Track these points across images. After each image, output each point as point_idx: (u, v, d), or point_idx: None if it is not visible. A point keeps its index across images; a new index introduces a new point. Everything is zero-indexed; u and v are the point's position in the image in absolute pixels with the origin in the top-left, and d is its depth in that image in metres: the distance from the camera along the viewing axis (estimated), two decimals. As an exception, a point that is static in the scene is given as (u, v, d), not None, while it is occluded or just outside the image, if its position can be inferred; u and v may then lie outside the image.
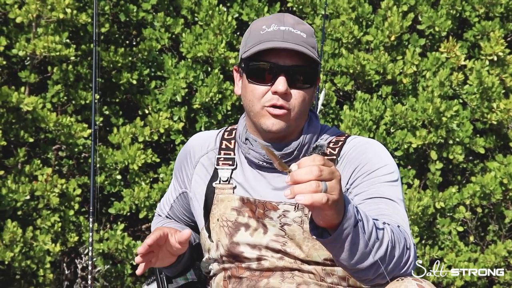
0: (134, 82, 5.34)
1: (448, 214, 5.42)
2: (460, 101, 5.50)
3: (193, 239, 2.25)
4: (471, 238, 5.57)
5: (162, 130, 5.22)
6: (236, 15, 5.50)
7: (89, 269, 3.50)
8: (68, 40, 5.10)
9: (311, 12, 5.58)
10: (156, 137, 5.26)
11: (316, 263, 2.04)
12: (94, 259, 5.11)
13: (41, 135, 5.21)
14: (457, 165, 5.62)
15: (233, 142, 2.17)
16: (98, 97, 5.22)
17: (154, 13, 5.50)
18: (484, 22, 5.60)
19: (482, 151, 5.49)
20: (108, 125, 5.40)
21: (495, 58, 5.52)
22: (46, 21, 5.06)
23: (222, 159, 2.15)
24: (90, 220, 3.46)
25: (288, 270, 2.05)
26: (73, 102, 5.24)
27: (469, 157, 5.72)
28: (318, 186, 1.54)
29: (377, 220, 1.78)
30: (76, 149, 5.15)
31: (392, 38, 5.49)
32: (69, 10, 5.01)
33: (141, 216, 5.17)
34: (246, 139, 2.11)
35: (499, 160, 5.49)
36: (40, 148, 5.27)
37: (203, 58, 5.33)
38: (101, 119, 5.27)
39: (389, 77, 5.49)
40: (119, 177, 5.23)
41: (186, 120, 5.37)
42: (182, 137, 5.28)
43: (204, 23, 5.41)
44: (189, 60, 5.32)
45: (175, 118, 5.31)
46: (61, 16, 4.98)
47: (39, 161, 5.09)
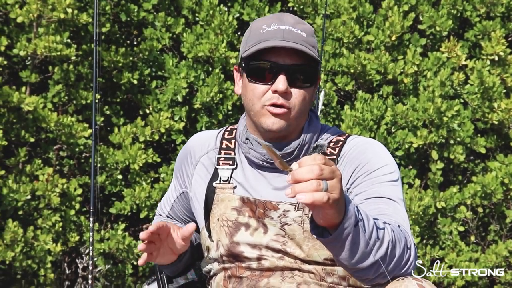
0: (135, 82, 5.34)
1: (449, 214, 5.42)
2: (461, 101, 5.50)
3: (194, 238, 2.25)
4: (472, 238, 5.57)
5: (163, 130, 5.23)
6: (237, 15, 5.50)
7: (90, 268, 3.51)
8: (69, 40, 5.11)
9: (312, 12, 5.58)
10: (157, 137, 5.26)
11: (317, 263, 2.04)
12: (95, 259, 5.11)
13: (42, 135, 5.22)
14: (458, 165, 5.62)
15: (233, 141, 2.17)
16: (99, 97, 5.23)
17: (155, 13, 5.50)
18: (485, 21, 5.60)
19: (483, 151, 5.49)
20: (109, 125, 5.40)
21: (496, 58, 5.52)
22: (47, 21, 5.06)
23: (222, 158, 2.15)
24: (91, 220, 3.46)
25: (288, 269, 2.05)
26: (74, 102, 5.24)
27: (470, 157, 5.72)
28: (319, 185, 1.54)
29: (378, 219, 1.78)
30: (77, 149, 5.15)
31: (393, 38, 5.49)
32: (70, 10, 5.01)
33: (142, 216, 5.17)
34: (247, 138, 2.11)
35: (500, 160, 5.49)
36: (41, 148, 5.27)
37: (204, 58, 5.33)
38: (102, 119, 5.27)
39: (390, 77, 5.49)
40: (120, 177, 5.23)
41: (187, 120, 5.37)
42: (183, 137, 5.28)
43: (205, 23, 5.41)
44: (190, 60, 5.33)
45: (176, 118, 5.31)
46: (62, 16, 4.98)
47: (40, 161, 5.10)
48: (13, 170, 5.07)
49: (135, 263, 5.27)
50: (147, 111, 5.38)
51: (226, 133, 2.20)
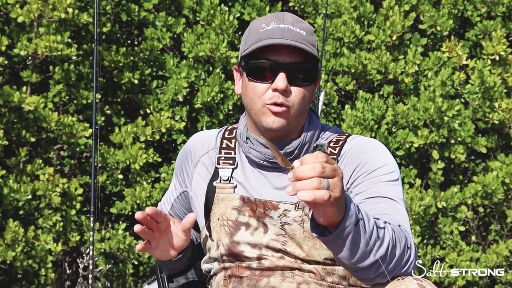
0: (136, 81, 5.34)
1: (450, 214, 5.42)
2: (462, 100, 5.50)
3: (194, 238, 2.25)
4: (473, 238, 5.57)
5: (163, 130, 5.23)
6: (238, 14, 5.50)
7: (90, 268, 3.51)
8: (69, 40, 5.11)
9: (312, 12, 5.58)
10: (157, 137, 5.26)
11: (317, 263, 2.04)
12: (96, 259, 5.11)
13: (43, 134, 5.22)
14: (459, 165, 5.61)
15: (233, 141, 2.17)
16: (100, 96, 5.23)
17: (155, 13, 5.50)
18: (486, 21, 5.60)
19: (484, 150, 5.49)
20: (109, 124, 5.40)
21: (497, 58, 5.52)
22: (48, 20, 5.06)
23: (222, 158, 2.15)
24: (91, 220, 3.46)
25: (288, 269, 2.05)
26: (75, 101, 5.24)
27: (471, 157, 5.72)
28: (320, 183, 1.54)
29: (378, 219, 1.78)
30: (78, 149, 5.16)
31: (394, 38, 5.49)
32: (70, 10, 5.01)
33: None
34: (247, 138, 2.11)
35: (501, 159, 5.49)
36: (42, 148, 5.28)
37: (204, 58, 5.33)
38: (102, 118, 5.28)
39: (391, 76, 5.49)
40: (120, 176, 5.23)
41: (187, 119, 5.37)
42: (184, 137, 5.28)
43: (206, 22, 5.41)
44: (190, 59, 5.33)
45: (177, 117, 5.31)
46: (63, 15, 4.99)
47: (40, 161, 5.10)
48: (14, 170, 5.08)
49: (135, 263, 5.27)
50: (148, 111, 5.38)
51: (227, 132, 2.20)
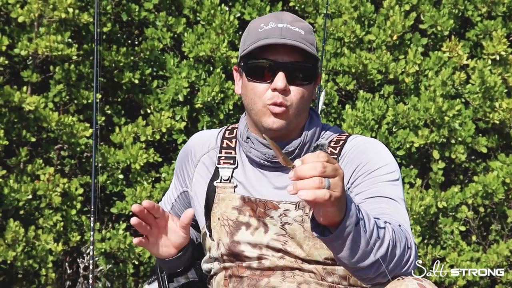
0: (136, 81, 5.34)
1: (450, 214, 5.41)
2: (463, 100, 5.50)
3: (195, 238, 2.25)
4: (474, 238, 5.57)
5: (164, 130, 5.23)
6: (238, 14, 5.49)
7: (91, 268, 3.51)
8: (70, 40, 5.11)
9: (313, 11, 5.58)
10: (158, 137, 5.26)
11: (317, 262, 2.04)
12: (96, 259, 5.11)
13: (43, 134, 5.22)
14: (459, 165, 5.61)
15: (234, 141, 2.17)
16: (100, 96, 5.23)
17: (156, 13, 5.50)
18: (486, 21, 5.60)
19: (484, 150, 5.49)
20: (110, 124, 5.40)
21: (498, 58, 5.52)
22: (48, 20, 5.06)
23: (223, 158, 2.15)
24: (91, 220, 3.46)
25: (288, 269, 2.05)
26: (75, 101, 5.24)
27: (472, 157, 5.72)
28: (321, 183, 1.54)
29: (378, 219, 1.78)
30: (78, 149, 5.16)
31: (394, 38, 5.49)
32: (71, 10, 5.01)
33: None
34: (248, 137, 2.11)
35: (501, 159, 5.48)
36: (42, 148, 5.28)
37: (205, 58, 5.33)
38: (103, 118, 5.28)
39: (391, 76, 5.48)
40: (121, 176, 5.23)
41: (188, 119, 5.37)
42: (184, 137, 5.28)
43: (206, 22, 5.41)
44: (191, 59, 5.32)
45: (177, 117, 5.31)
46: (63, 15, 4.99)
47: (41, 161, 5.10)
48: (14, 169, 5.08)
49: (136, 262, 5.27)
50: (148, 111, 5.38)
51: (227, 132, 2.20)
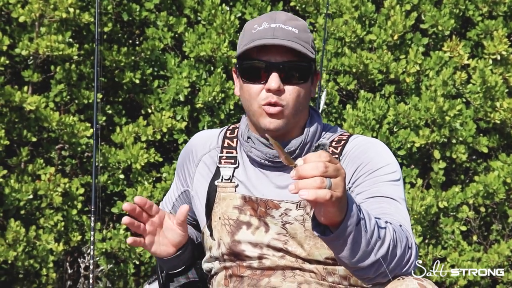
0: (137, 81, 5.34)
1: (451, 214, 5.41)
2: (463, 100, 5.49)
3: (195, 237, 2.25)
4: (474, 238, 5.56)
5: (165, 130, 5.23)
6: (239, 14, 5.49)
7: (91, 268, 3.51)
8: (71, 40, 5.11)
9: (314, 11, 5.58)
10: (159, 137, 5.26)
11: (318, 262, 2.04)
12: (97, 259, 5.11)
13: (44, 134, 5.22)
14: (460, 165, 5.61)
15: (235, 140, 2.17)
16: (101, 96, 5.23)
17: (157, 13, 5.50)
18: (487, 21, 5.60)
19: (485, 150, 5.48)
20: (111, 124, 5.40)
21: (499, 57, 5.52)
22: (49, 20, 5.06)
23: (224, 157, 2.15)
24: (92, 219, 3.46)
25: (289, 269, 2.05)
26: (76, 101, 5.24)
27: (472, 157, 5.71)
28: (322, 182, 1.54)
29: (379, 219, 1.78)
30: (79, 149, 5.16)
31: (395, 37, 5.49)
32: (72, 10, 5.01)
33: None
34: (248, 137, 2.11)
35: (502, 159, 5.48)
36: (43, 148, 5.28)
37: (206, 58, 5.33)
38: (104, 118, 5.28)
39: (392, 76, 5.48)
40: (122, 176, 5.23)
41: (189, 119, 5.37)
42: (185, 136, 5.28)
43: (207, 22, 5.41)
44: (192, 59, 5.32)
45: (178, 117, 5.31)
46: (64, 15, 4.99)
47: (42, 161, 5.10)
48: (15, 169, 5.08)
49: (137, 262, 5.27)
50: (149, 111, 5.38)
51: (228, 131, 2.20)
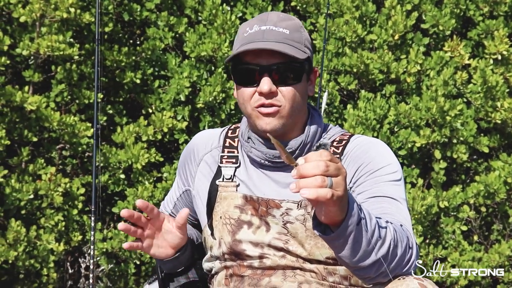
0: (138, 81, 5.34)
1: (452, 214, 5.41)
2: (464, 100, 5.49)
3: (195, 238, 2.25)
4: (475, 238, 5.56)
5: (165, 129, 5.23)
6: (240, 14, 5.49)
7: (91, 268, 3.50)
8: (71, 40, 5.11)
9: (314, 11, 5.58)
10: (159, 136, 5.26)
11: (318, 262, 2.04)
12: (98, 258, 5.11)
13: (45, 134, 5.22)
14: (461, 164, 5.61)
15: (236, 140, 2.17)
16: (102, 96, 5.23)
17: (157, 13, 5.50)
18: (488, 21, 5.59)
19: (486, 150, 5.48)
20: (111, 124, 5.40)
21: (499, 57, 5.52)
22: (50, 20, 5.06)
23: (225, 157, 2.15)
24: (92, 219, 3.46)
25: (290, 268, 2.05)
26: (77, 101, 5.24)
27: (473, 156, 5.71)
28: (323, 181, 1.54)
29: (380, 218, 1.78)
30: (80, 148, 5.16)
31: (396, 37, 5.49)
32: (72, 10, 5.01)
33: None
34: (249, 137, 2.12)
35: (503, 159, 5.48)
36: (44, 147, 5.28)
37: (206, 58, 5.33)
38: (104, 118, 5.28)
39: (393, 76, 5.48)
40: (122, 176, 5.23)
41: (189, 119, 5.37)
42: (186, 136, 5.28)
43: (208, 22, 5.41)
44: (192, 59, 5.32)
45: (179, 117, 5.31)
46: (65, 15, 4.99)
47: (42, 160, 5.10)
48: (16, 169, 5.08)
49: (137, 262, 5.27)
50: (150, 111, 5.38)
51: (230, 131, 2.20)
